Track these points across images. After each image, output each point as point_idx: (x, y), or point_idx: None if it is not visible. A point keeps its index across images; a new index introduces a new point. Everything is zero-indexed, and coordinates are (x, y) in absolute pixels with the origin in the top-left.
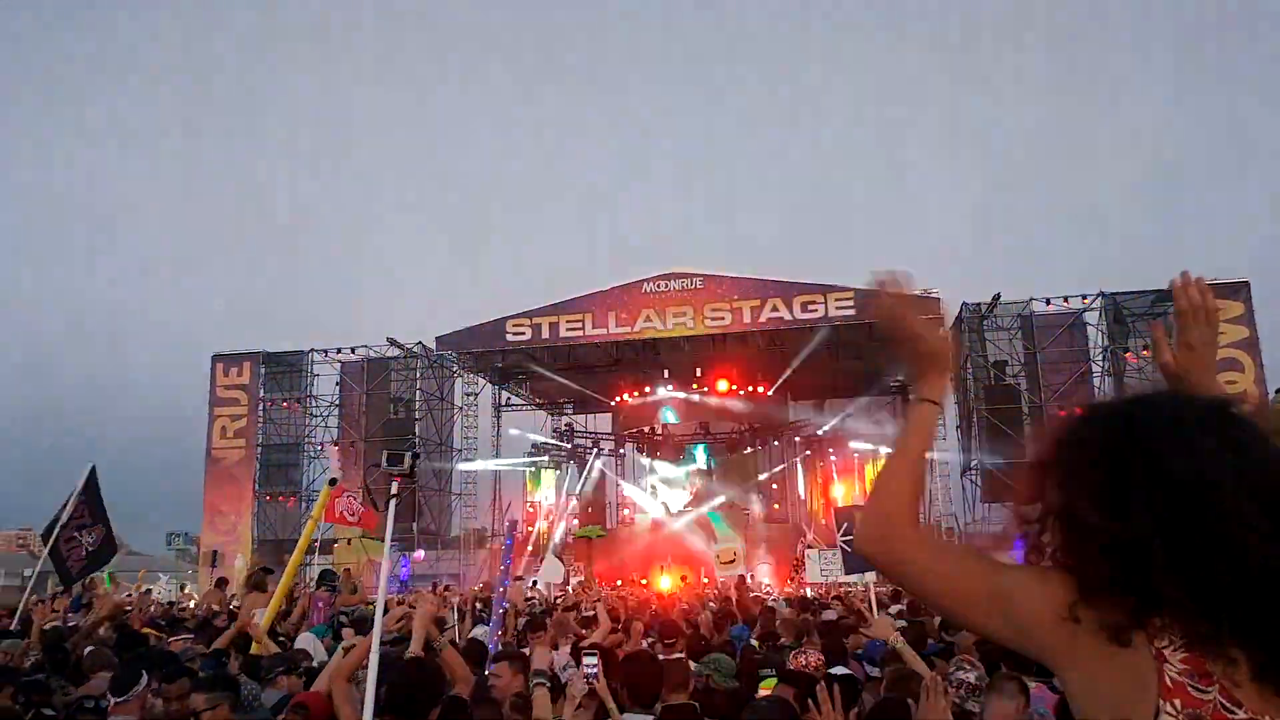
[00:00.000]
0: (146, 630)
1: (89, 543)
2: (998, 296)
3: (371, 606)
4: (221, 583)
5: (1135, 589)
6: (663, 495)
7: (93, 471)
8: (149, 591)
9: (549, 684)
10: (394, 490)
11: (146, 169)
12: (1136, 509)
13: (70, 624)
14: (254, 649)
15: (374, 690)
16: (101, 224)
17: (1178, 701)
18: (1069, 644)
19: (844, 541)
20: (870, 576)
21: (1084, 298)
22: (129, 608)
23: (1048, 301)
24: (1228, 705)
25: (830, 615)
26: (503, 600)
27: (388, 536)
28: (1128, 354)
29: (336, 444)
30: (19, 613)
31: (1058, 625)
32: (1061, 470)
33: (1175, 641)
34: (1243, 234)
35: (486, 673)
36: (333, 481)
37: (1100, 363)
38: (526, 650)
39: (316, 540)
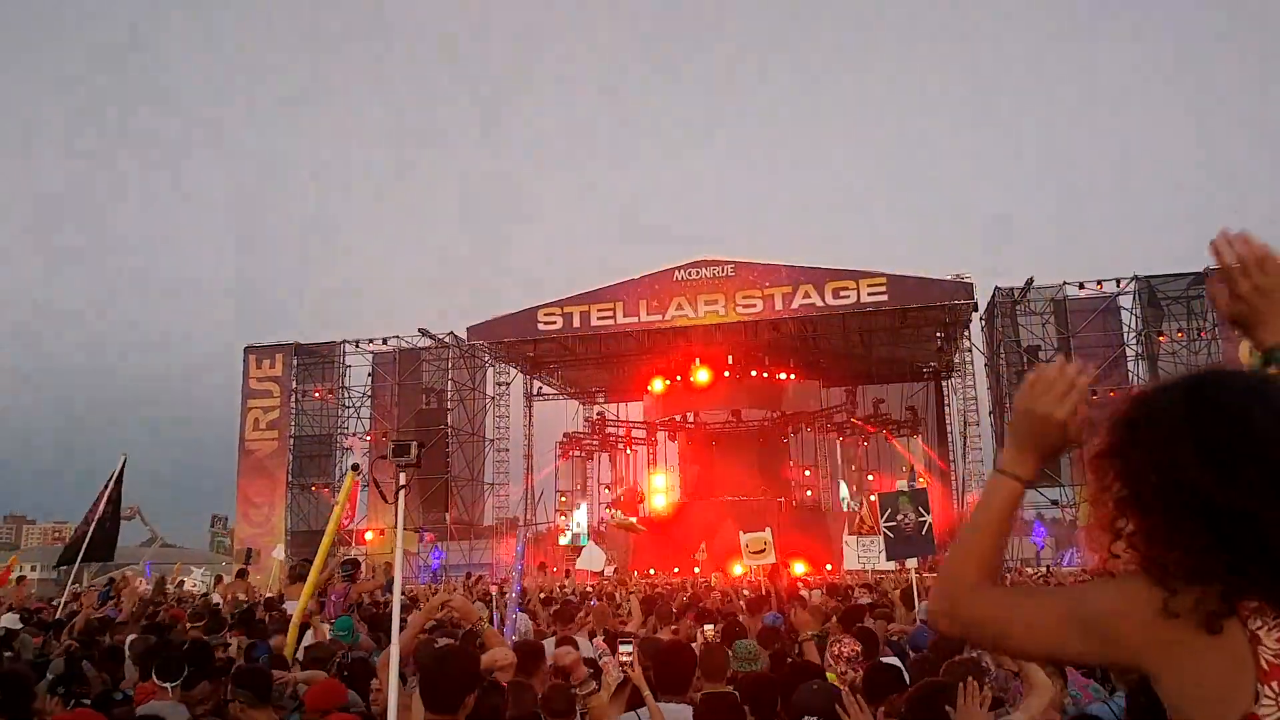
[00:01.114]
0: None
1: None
2: (1030, 281)
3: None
4: (242, 573)
5: (1233, 564)
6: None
7: (123, 463)
8: (183, 584)
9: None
10: (403, 481)
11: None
12: (1248, 477)
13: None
14: (290, 638)
15: (395, 687)
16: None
17: (1275, 684)
18: (1161, 641)
19: (887, 528)
20: (913, 563)
21: (1118, 281)
22: (160, 600)
23: (1081, 286)
24: None
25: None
26: (516, 606)
27: (399, 526)
28: (1162, 337)
29: (367, 435)
30: (62, 604)
31: (1149, 623)
32: (1158, 435)
33: (1269, 622)
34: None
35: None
36: (355, 467)
37: (1135, 347)
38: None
39: (350, 531)
